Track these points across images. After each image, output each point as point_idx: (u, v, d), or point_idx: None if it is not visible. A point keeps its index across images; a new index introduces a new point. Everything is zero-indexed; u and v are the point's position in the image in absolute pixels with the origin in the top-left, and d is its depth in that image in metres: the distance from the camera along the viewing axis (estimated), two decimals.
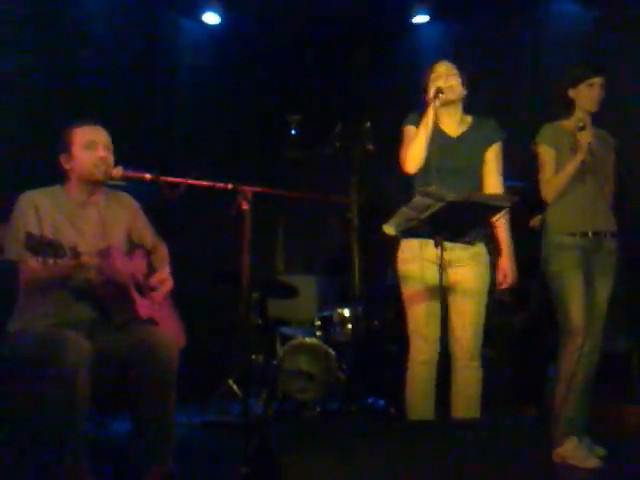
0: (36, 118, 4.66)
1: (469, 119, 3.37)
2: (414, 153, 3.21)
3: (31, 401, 2.61)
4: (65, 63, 4.99)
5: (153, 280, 2.93)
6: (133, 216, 3.07)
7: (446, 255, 3.02)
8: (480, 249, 3.29)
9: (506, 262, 3.34)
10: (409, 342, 3.29)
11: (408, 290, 3.29)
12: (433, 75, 3.27)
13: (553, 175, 3.45)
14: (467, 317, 3.24)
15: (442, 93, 3.15)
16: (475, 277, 3.26)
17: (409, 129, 3.32)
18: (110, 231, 2.94)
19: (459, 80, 3.28)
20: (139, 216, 3.10)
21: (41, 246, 2.39)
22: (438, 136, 3.23)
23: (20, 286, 2.80)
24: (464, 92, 3.31)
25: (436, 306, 3.18)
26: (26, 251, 2.39)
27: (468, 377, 3.24)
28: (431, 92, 3.18)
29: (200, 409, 4.57)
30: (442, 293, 3.02)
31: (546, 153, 3.48)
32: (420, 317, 3.25)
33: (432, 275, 3.09)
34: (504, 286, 3.36)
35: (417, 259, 3.21)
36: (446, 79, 3.23)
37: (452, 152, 3.26)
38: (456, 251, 3.18)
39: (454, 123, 3.34)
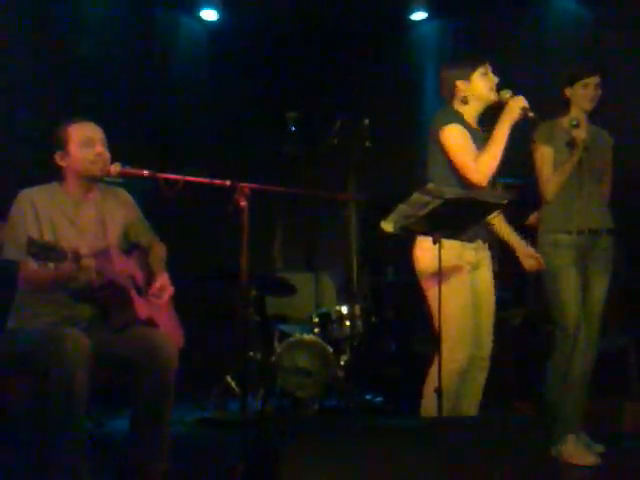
0: (33, 114, 4.65)
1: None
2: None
3: (30, 399, 2.61)
4: (62, 59, 4.98)
5: (154, 288, 2.91)
6: (130, 211, 3.06)
7: (476, 256, 3.14)
8: (489, 251, 3.28)
9: (523, 247, 3.36)
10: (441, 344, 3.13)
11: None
12: (482, 69, 3.14)
13: (552, 173, 3.45)
14: (487, 317, 3.24)
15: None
16: (491, 278, 3.26)
17: (463, 133, 3.10)
18: (108, 228, 2.93)
19: None
20: (136, 212, 3.10)
21: (43, 251, 2.38)
22: (471, 131, 3.14)
23: (19, 284, 2.79)
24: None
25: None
26: (27, 256, 2.38)
27: (479, 376, 3.23)
28: (528, 113, 3.01)
29: (198, 406, 4.57)
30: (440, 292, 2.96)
31: (544, 151, 3.48)
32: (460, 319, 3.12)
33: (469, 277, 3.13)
34: (538, 267, 3.38)
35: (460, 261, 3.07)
36: (491, 77, 3.14)
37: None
38: (482, 252, 3.20)
39: (473, 119, 3.22)
